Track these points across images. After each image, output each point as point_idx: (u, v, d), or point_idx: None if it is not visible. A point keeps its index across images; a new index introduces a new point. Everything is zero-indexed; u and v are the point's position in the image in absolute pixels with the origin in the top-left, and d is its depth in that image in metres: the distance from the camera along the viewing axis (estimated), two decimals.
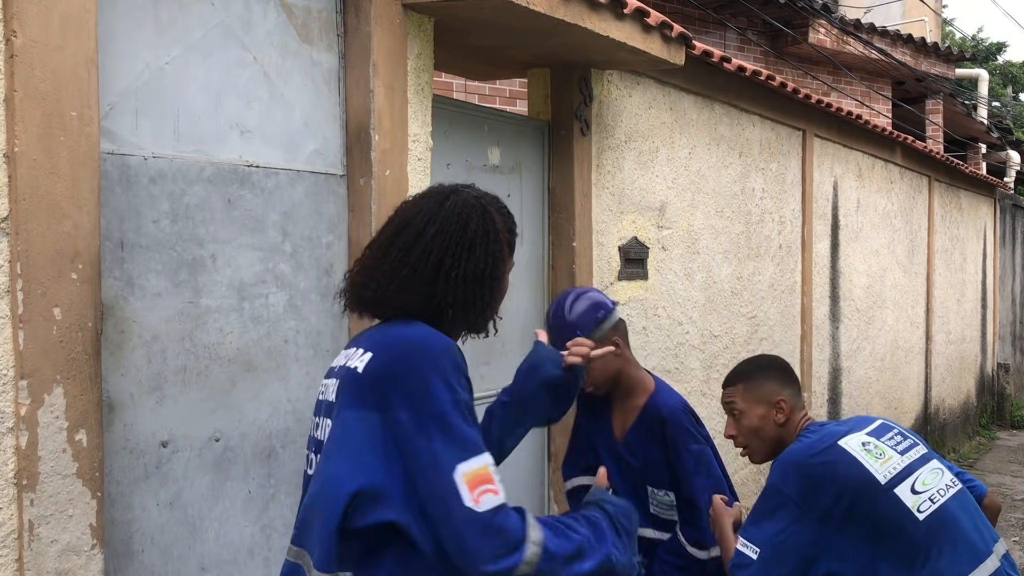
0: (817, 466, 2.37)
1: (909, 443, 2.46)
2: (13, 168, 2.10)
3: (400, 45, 3.11)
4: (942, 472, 2.43)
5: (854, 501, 2.32)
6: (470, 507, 1.61)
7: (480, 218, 1.88)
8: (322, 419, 1.81)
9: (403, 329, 1.78)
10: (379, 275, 1.83)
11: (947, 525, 2.33)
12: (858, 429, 2.46)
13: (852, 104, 9.29)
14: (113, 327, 2.39)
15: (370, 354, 1.74)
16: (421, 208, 1.89)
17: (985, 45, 27.76)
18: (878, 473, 2.34)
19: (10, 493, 2.09)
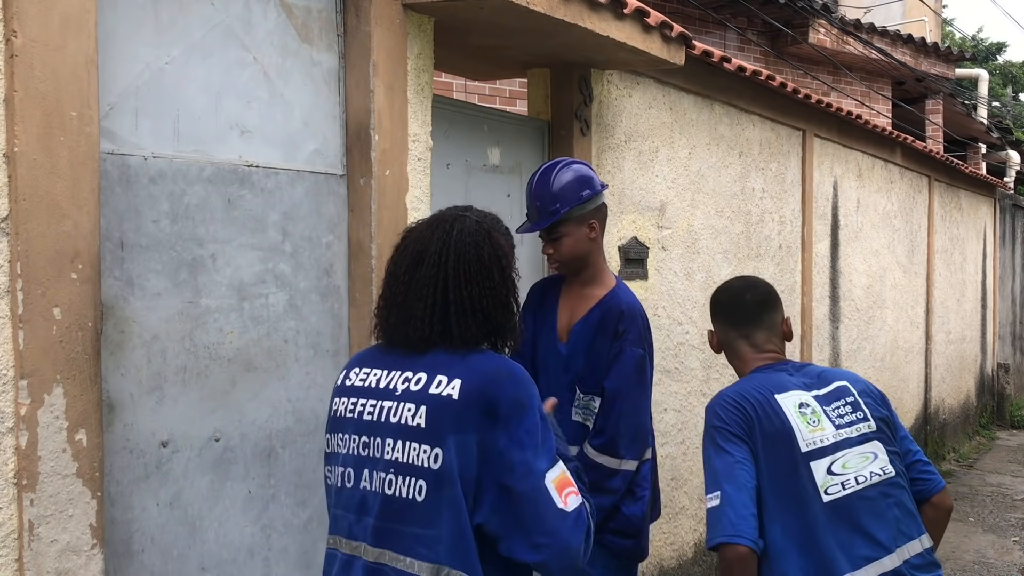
0: (746, 407, 2.32)
1: (854, 418, 2.37)
2: (13, 168, 2.10)
3: (400, 45, 3.11)
4: (873, 458, 2.33)
5: (768, 455, 2.26)
6: (562, 508, 1.87)
7: (489, 245, 2.02)
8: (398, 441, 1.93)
9: (485, 358, 1.96)
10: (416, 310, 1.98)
11: (850, 514, 2.25)
12: (807, 388, 2.39)
13: (852, 104, 9.29)
14: (113, 327, 2.39)
15: (459, 381, 1.91)
16: (431, 239, 2.02)
17: (985, 45, 27.77)
18: (802, 440, 2.28)
19: (10, 493, 2.09)
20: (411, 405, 1.93)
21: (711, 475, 2.28)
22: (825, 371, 2.48)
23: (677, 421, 5.08)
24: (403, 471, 1.91)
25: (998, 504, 8.21)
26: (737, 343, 2.51)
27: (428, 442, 1.89)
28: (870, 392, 2.46)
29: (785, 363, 2.48)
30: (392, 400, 1.96)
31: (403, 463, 1.91)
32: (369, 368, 2.04)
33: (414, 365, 1.98)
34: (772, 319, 2.52)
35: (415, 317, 1.97)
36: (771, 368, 2.45)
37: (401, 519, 1.90)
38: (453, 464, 1.86)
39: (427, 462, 1.88)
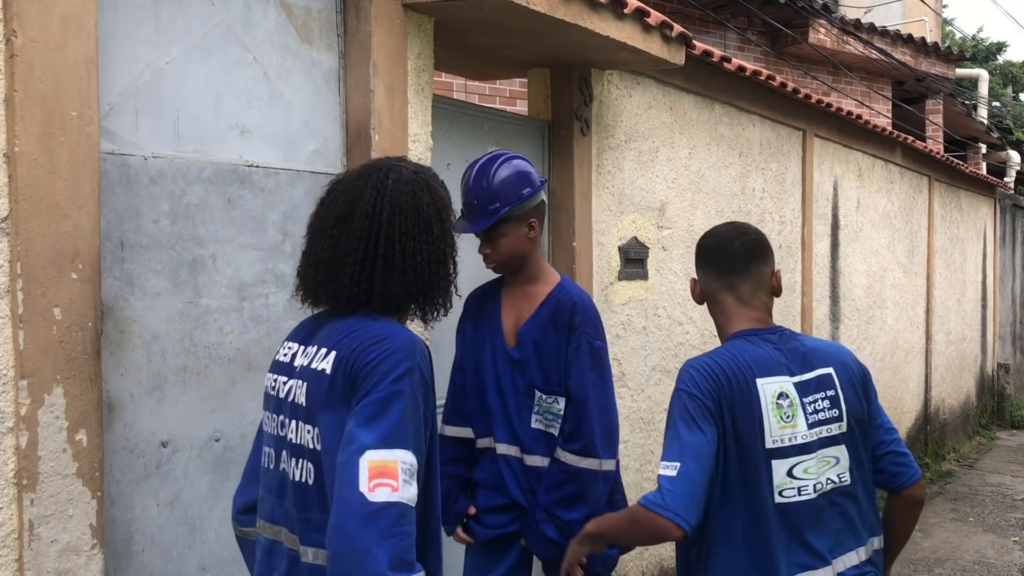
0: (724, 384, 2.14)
1: (829, 416, 2.22)
2: (13, 168, 2.10)
3: (400, 45, 3.11)
4: (834, 463, 2.21)
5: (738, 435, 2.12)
6: (361, 493, 1.61)
7: (428, 196, 1.86)
8: (291, 420, 1.82)
9: (369, 327, 1.78)
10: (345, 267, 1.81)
11: (796, 520, 2.16)
12: (791, 372, 2.21)
13: (852, 104, 9.29)
14: (113, 327, 2.39)
15: (334, 353, 1.76)
16: (364, 189, 1.84)
17: (985, 45, 27.76)
18: (770, 435, 2.14)
19: (10, 493, 2.09)
20: (300, 382, 1.81)
21: (677, 444, 2.10)
22: (814, 350, 2.28)
23: None
24: (296, 453, 1.79)
25: (998, 504, 8.21)
26: (721, 294, 2.32)
27: (309, 421, 1.77)
28: (853, 381, 2.29)
29: (773, 331, 2.28)
30: (293, 377, 1.84)
31: (296, 444, 1.80)
32: (292, 342, 1.92)
33: (318, 337, 1.84)
34: (760, 271, 2.31)
35: (343, 274, 1.81)
36: (757, 337, 2.25)
37: (298, 504, 1.79)
38: (327, 443, 1.72)
39: (310, 442, 1.76)
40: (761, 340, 2.25)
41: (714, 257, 2.34)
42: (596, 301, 4.35)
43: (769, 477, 2.14)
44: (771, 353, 2.23)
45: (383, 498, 1.61)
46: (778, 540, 2.15)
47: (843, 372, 2.28)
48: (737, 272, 2.30)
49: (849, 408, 2.26)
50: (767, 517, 2.14)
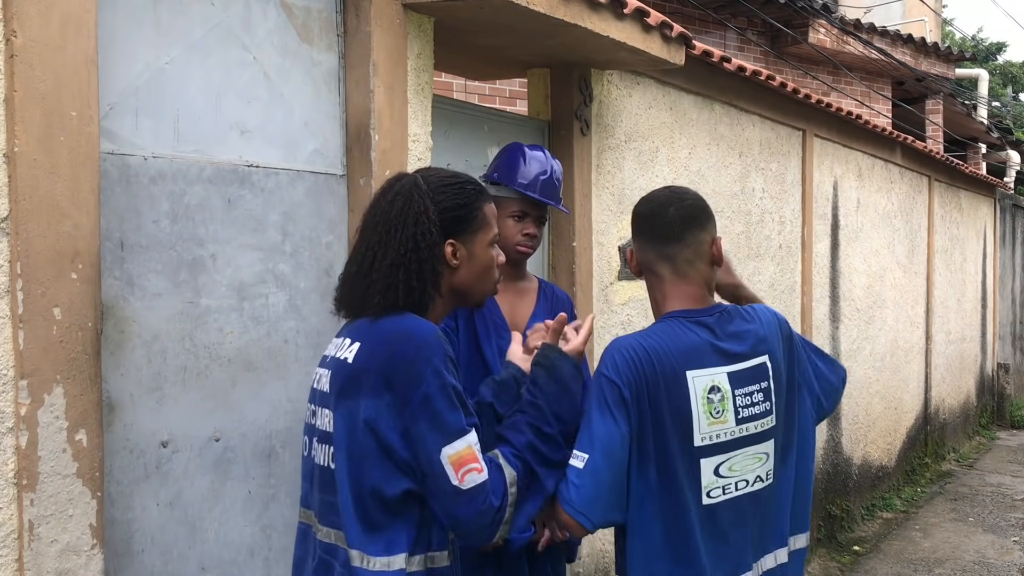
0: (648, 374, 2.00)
1: (760, 411, 2.09)
2: (13, 168, 2.10)
3: (400, 45, 3.11)
4: (765, 459, 2.09)
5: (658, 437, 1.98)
6: (456, 486, 1.82)
7: (404, 203, 1.97)
8: (319, 408, 1.98)
9: (391, 320, 1.92)
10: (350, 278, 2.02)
11: (721, 521, 2.04)
12: (726, 361, 2.06)
13: (852, 104, 9.29)
14: (113, 327, 2.39)
15: (358, 344, 1.91)
16: (373, 203, 2.04)
17: (985, 45, 27.76)
18: (699, 432, 2.00)
19: (10, 493, 2.09)
20: (325, 371, 1.98)
21: (588, 433, 2.00)
22: (751, 334, 2.12)
23: None
24: (323, 439, 1.95)
25: (998, 504, 8.21)
26: (657, 265, 2.13)
27: (329, 407, 1.92)
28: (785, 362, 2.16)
29: (710, 311, 2.12)
30: (323, 367, 2.01)
31: (322, 431, 1.95)
32: (338, 336, 2.07)
33: (346, 329, 2.02)
34: (698, 238, 2.12)
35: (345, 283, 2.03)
36: (691, 319, 2.09)
37: (326, 488, 1.94)
38: (344, 431, 1.86)
39: (328, 426, 1.92)
40: (695, 324, 2.09)
41: (649, 224, 2.15)
42: (596, 301, 4.36)
43: (696, 476, 2.01)
44: (705, 340, 2.07)
45: (472, 482, 1.84)
46: (702, 542, 2.02)
47: (776, 357, 2.15)
48: (673, 241, 2.11)
49: (779, 398, 2.13)
50: (691, 518, 2.01)
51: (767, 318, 2.20)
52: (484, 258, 2.07)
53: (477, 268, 2.06)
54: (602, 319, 4.41)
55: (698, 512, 2.02)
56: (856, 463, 7.68)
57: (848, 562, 6.53)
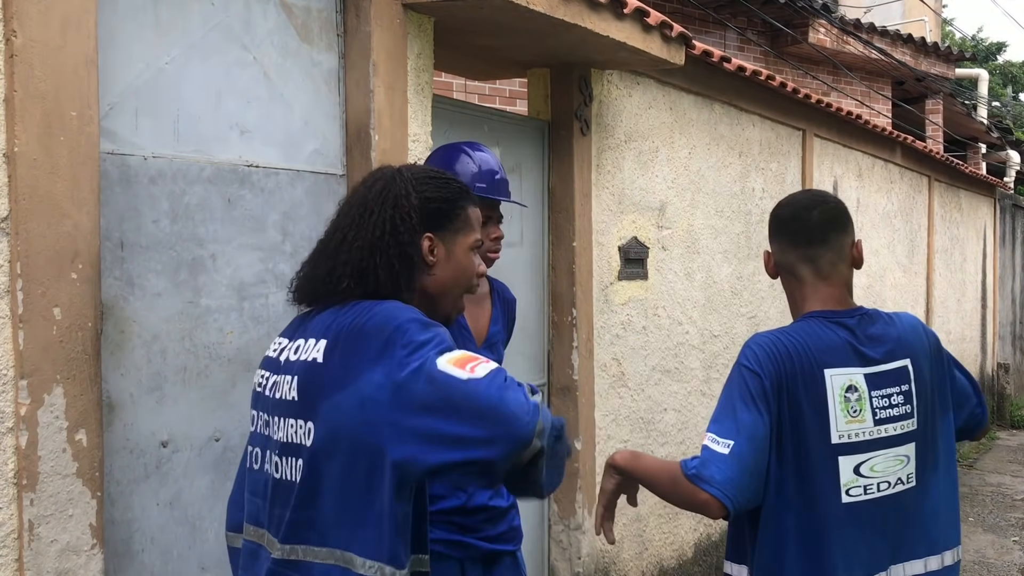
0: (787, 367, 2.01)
1: (901, 413, 2.10)
2: (13, 168, 2.10)
3: (400, 45, 3.11)
4: (905, 462, 2.09)
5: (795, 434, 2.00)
6: (471, 377, 1.59)
7: (384, 185, 1.83)
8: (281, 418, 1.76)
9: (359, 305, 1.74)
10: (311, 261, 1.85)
11: (862, 522, 2.04)
12: (864, 363, 2.07)
13: (852, 104, 9.29)
14: (113, 327, 2.39)
15: (324, 340, 1.71)
16: (350, 192, 1.92)
17: (985, 45, 27.77)
18: (836, 430, 2.02)
19: (10, 493, 2.09)
20: (288, 376, 1.75)
21: (733, 421, 2.00)
22: (894, 338, 2.13)
23: (677, 421, 5.08)
24: (287, 451, 1.73)
25: (998, 504, 8.21)
26: (799, 267, 2.15)
27: (303, 416, 1.70)
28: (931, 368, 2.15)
29: (851, 313, 2.13)
30: (279, 373, 1.79)
31: (285, 442, 1.73)
32: (281, 338, 1.88)
33: (306, 329, 1.80)
34: (841, 241, 2.16)
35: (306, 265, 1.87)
36: (832, 320, 2.10)
37: (282, 503, 1.72)
38: (327, 436, 1.66)
39: (303, 438, 1.69)
40: (835, 324, 2.10)
41: (791, 227, 2.18)
42: (596, 301, 4.36)
43: (835, 474, 2.02)
44: (844, 340, 2.08)
45: (484, 371, 1.61)
46: (838, 540, 2.02)
47: (919, 362, 2.15)
48: (816, 243, 2.14)
49: (921, 402, 2.13)
50: (830, 518, 2.02)
51: (910, 323, 2.21)
52: (464, 262, 1.90)
53: (454, 271, 1.88)
54: (602, 319, 4.41)
55: (836, 509, 2.02)
56: None
57: None
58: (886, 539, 2.08)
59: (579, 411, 4.20)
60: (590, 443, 4.29)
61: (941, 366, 2.21)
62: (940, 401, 2.19)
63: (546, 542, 4.25)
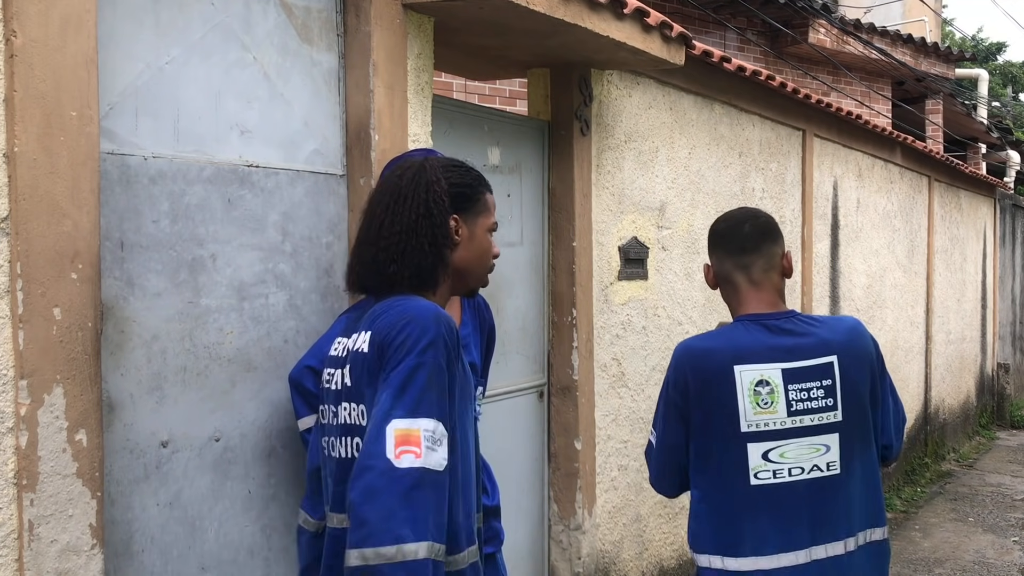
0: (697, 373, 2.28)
1: (820, 405, 2.27)
2: (13, 168, 2.10)
3: (400, 45, 3.11)
4: (824, 451, 2.27)
5: (708, 424, 2.27)
6: (390, 460, 1.74)
7: (415, 173, 2.03)
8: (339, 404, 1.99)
9: (402, 304, 1.95)
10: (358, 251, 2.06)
11: (772, 504, 2.24)
12: (779, 358, 2.27)
13: (852, 104, 9.29)
14: (113, 327, 2.39)
15: (369, 332, 1.94)
16: (380, 183, 2.10)
17: (985, 45, 27.77)
18: (745, 419, 2.25)
19: (10, 493, 2.09)
20: (348, 366, 1.99)
21: (657, 416, 2.41)
22: (821, 340, 2.32)
23: None
24: (346, 432, 1.97)
25: (998, 504, 8.21)
26: (734, 275, 2.38)
27: (355, 400, 1.94)
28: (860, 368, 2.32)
29: (780, 315, 2.35)
30: (342, 366, 2.02)
31: (346, 424, 1.97)
32: (341, 337, 2.10)
33: (359, 325, 2.03)
34: (771, 251, 2.39)
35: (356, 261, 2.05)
36: (757, 322, 2.32)
37: (339, 480, 1.95)
38: None
39: (358, 419, 1.93)
40: (758, 326, 2.32)
41: (727, 238, 2.41)
42: (596, 301, 4.36)
43: (744, 460, 2.25)
44: (761, 339, 2.30)
45: (407, 464, 1.74)
46: (747, 519, 2.26)
47: (847, 360, 2.31)
48: (749, 252, 2.37)
49: (847, 398, 2.29)
50: (739, 500, 2.26)
51: (844, 326, 2.39)
52: (484, 241, 2.14)
53: (476, 250, 2.12)
54: (602, 319, 4.42)
55: (744, 491, 2.26)
56: None
57: None
58: (803, 521, 2.25)
59: (579, 411, 4.20)
60: (590, 443, 4.29)
61: (873, 373, 2.37)
62: (870, 398, 2.36)
63: (546, 542, 4.25)
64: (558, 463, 4.23)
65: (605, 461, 4.41)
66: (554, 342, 4.22)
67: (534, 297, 4.15)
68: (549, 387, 4.23)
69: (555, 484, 4.23)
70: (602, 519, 4.41)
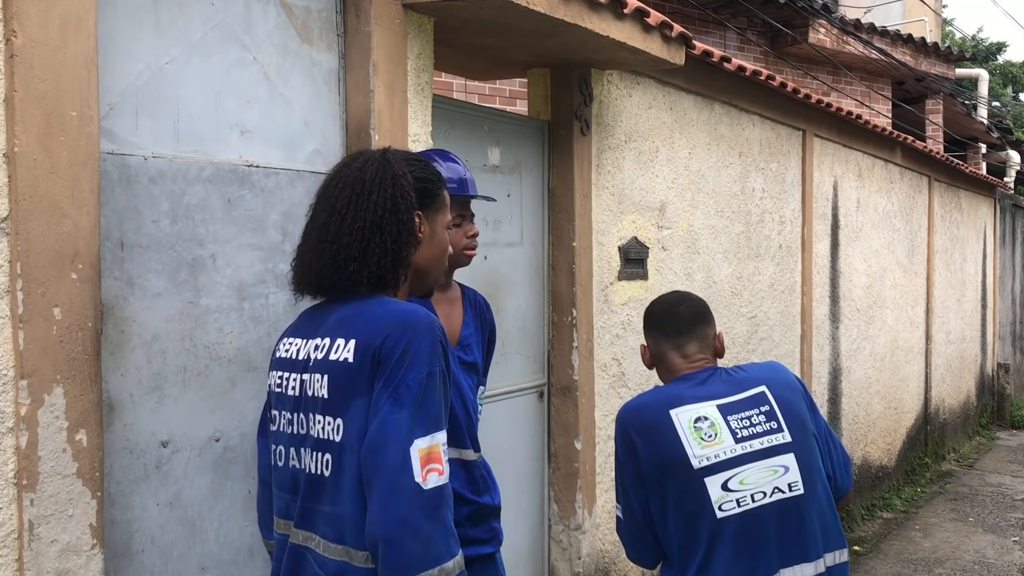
0: (636, 428, 2.32)
1: (765, 429, 2.32)
2: (13, 168, 2.10)
3: (400, 45, 3.11)
4: (783, 471, 2.29)
5: (663, 474, 2.28)
6: (418, 484, 1.70)
7: (379, 166, 1.92)
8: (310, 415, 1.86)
9: (381, 308, 1.84)
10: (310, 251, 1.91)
11: (740, 534, 2.24)
12: (711, 397, 2.34)
13: (852, 104, 9.29)
14: (113, 327, 2.39)
15: (353, 340, 1.80)
16: (332, 173, 1.98)
17: (985, 45, 27.77)
18: (694, 456, 2.26)
19: (10, 493, 2.09)
20: (319, 375, 1.85)
21: (618, 488, 2.43)
22: (746, 375, 2.43)
23: None
24: (318, 447, 1.84)
25: (998, 504, 8.21)
26: (669, 355, 2.48)
27: (331, 413, 1.81)
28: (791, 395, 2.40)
29: (705, 370, 2.45)
30: (307, 372, 1.89)
31: (318, 438, 1.84)
32: (292, 338, 1.99)
33: (321, 328, 1.90)
34: (704, 332, 2.50)
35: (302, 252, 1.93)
36: (685, 379, 2.43)
37: (316, 497, 1.84)
38: (354, 434, 1.77)
39: (331, 434, 1.80)
40: (685, 379, 2.42)
41: (663, 320, 2.52)
42: (596, 301, 4.36)
43: (706, 495, 2.25)
44: (689, 387, 2.39)
45: (434, 483, 1.71)
46: (718, 554, 2.24)
47: (779, 388, 2.41)
48: (684, 333, 2.47)
49: (789, 419, 2.35)
50: (710, 535, 2.24)
51: (764, 365, 2.52)
52: (443, 239, 2.07)
53: (436, 248, 2.05)
54: (602, 319, 4.42)
55: (712, 525, 2.24)
56: (856, 463, 7.68)
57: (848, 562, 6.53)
58: (770, 545, 2.26)
59: (579, 411, 4.20)
60: (590, 443, 4.29)
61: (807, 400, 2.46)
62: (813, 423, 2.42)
63: (546, 542, 4.25)
64: (558, 463, 4.23)
65: (605, 461, 4.41)
66: (554, 342, 4.22)
67: (534, 297, 4.15)
68: (549, 387, 4.23)
69: (555, 484, 4.23)
70: (602, 519, 4.41)
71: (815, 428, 2.42)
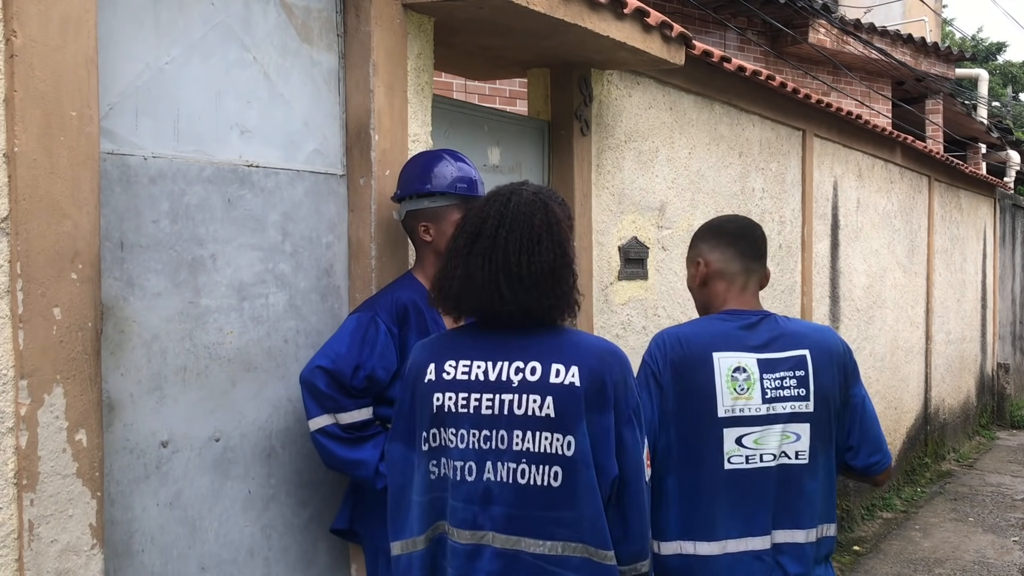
0: (675, 360, 2.34)
1: (794, 394, 2.34)
2: (13, 168, 2.10)
3: (400, 45, 3.11)
4: (794, 439, 2.33)
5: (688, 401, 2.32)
6: (647, 484, 2.10)
7: (543, 213, 2.10)
8: (529, 432, 2.05)
9: (584, 338, 2.12)
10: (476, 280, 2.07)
11: (741, 489, 2.30)
12: (754, 349, 2.34)
13: (852, 104, 9.29)
14: (113, 327, 2.39)
15: (576, 367, 2.05)
16: (489, 213, 2.10)
17: (985, 45, 27.78)
18: (723, 405, 2.31)
19: (10, 493, 2.09)
20: (536, 396, 2.05)
21: None
22: (793, 332, 2.40)
23: None
24: (536, 460, 2.03)
25: (998, 504, 8.21)
26: (738, 276, 2.44)
27: (560, 431, 2.03)
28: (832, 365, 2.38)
29: (756, 313, 2.42)
30: (511, 392, 2.06)
31: (536, 452, 2.03)
32: (468, 360, 2.11)
33: (519, 353, 2.08)
34: (764, 269, 2.50)
35: (476, 285, 2.06)
36: (734, 316, 2.41)
37: (538, 505, 2.03)
38: (586, 448, 2.01)
39: (560, 449, 2.02)
40: (735, 319, 2.40)
41: (741, 240, 2.45)
42: (596, 301, 4.36)
43: (719, 444, 2.31)
44: (736, 331, 2.37)
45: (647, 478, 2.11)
46: (719, 507, 2.30)
47: (819, 356, 2.38)
48: (759, 258, 2.46)
49: (818, 390, 2.35)
50: (711, 483, 2.31)
51: (816, 326, 2.50)
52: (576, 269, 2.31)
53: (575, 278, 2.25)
54: (602, 319, 4.41)
55: (718, 474, 2.30)
56: None
57: (848, 562, 6.53)
58: (767, 506, 2.31)
59: None
60: None
61: (845, 372, 2.42)
62: (841, 397, 2.40)
63: None
64: None
65: None
66: None
67: None
68: None
69: None
70: None
71: (850, 397, 2.42)
